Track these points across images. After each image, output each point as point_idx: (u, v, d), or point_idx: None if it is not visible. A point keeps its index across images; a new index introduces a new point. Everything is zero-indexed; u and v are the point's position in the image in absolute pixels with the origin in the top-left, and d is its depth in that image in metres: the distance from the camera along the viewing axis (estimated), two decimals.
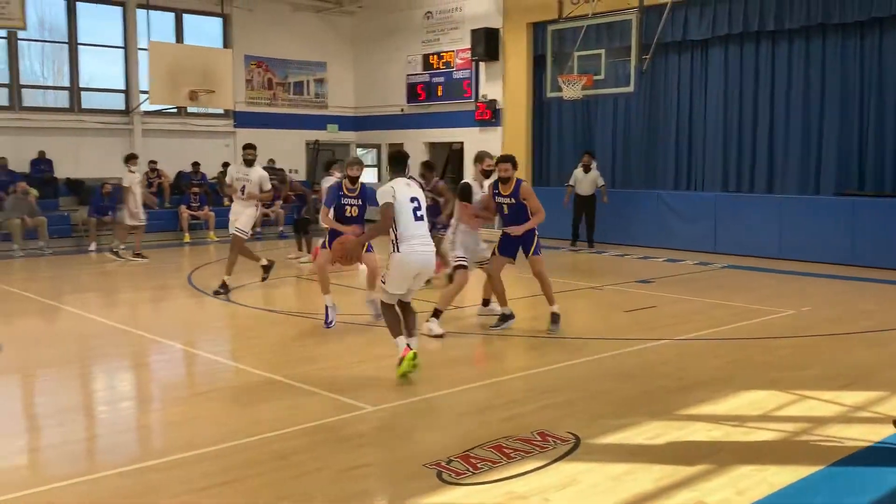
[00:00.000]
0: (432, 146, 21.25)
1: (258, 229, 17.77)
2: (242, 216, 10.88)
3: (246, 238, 11.00)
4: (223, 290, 10.64)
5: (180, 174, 19.59)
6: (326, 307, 8.66)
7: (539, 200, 8.50)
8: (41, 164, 17.69)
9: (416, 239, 6.52)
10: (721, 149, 16.17)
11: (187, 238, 17.74)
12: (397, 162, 6.90)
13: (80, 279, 12.50)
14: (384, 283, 6.66)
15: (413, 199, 6.58)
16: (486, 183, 8.83)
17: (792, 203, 14.49)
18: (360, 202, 8.78)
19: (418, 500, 4.32)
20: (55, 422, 5.77)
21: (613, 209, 16.51)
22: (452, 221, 9.04)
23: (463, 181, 8.98)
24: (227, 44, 20.50)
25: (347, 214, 8.69)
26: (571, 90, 15.66)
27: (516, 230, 8.42)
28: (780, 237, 14.36)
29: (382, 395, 6.18)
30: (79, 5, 18.67)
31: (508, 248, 8.64)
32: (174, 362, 7.78)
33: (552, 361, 7.21)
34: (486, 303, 9.31)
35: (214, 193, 19.35)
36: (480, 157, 8.98)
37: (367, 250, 8.44)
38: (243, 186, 10.85)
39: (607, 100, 17.23)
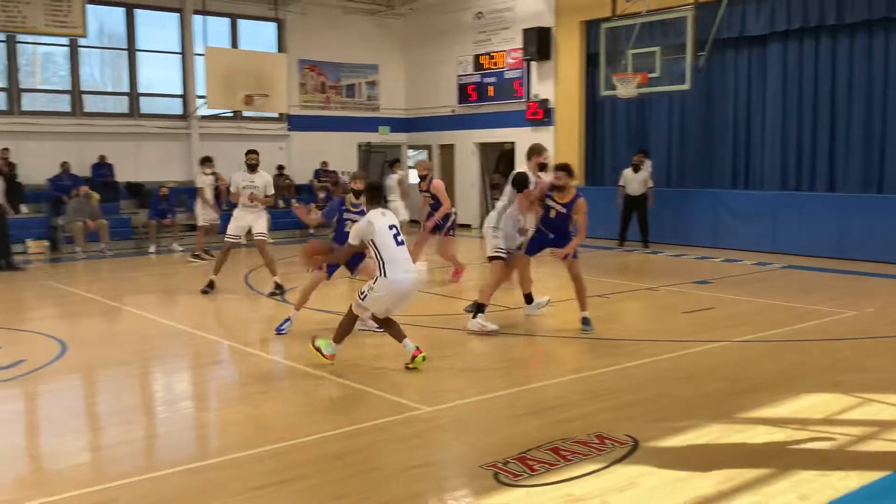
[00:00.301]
0: (483, 146, 21.23)
1: (311, 231, 17.93)
2: (262, 220, 11.10)
3: (268, 241, 11.33)
4: (279, 290, 10.78)
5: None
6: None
7: (587, 218, 8.47)
8: (102, 168, 18.12)
9: (402, 263, 6.81)
10: (780, 146, 15.82)
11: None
12: (373, 192, 7.23)
13: (140, 280, 12.78)
14: (363, 299, 6.87)
15: (391, 227, 6.88)
16: (543, 176, 8.74)
17: (854, 201, 14.11)
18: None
19: (476, 501, 4.31)
20: (117, 420, 5.89)
21: (669, 209, 16.28)
22: (499, 208, 8.86)
23: (519, 171, 8.89)
24: (281, 48, 20.76)
25: (347, 230, 8.06)
26: (626, 88, 15.48)
27: (560, 253, 8.39)
28: (842, 236, 13.99)
29: (438, 396, 6.18)
30: (137, 12, 19.10)
31: (536, 248, 8.66)
32: (232, 362, 7.89)
33: (609, 363, 7.14)
34: (528, 299, 9.21)
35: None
36: (538, 150, 8.92)
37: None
38: (251, 194, 10.93)
39: (662, 98, 16.99)
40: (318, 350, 7.02)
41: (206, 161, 15.18)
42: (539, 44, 18.74)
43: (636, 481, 4.53)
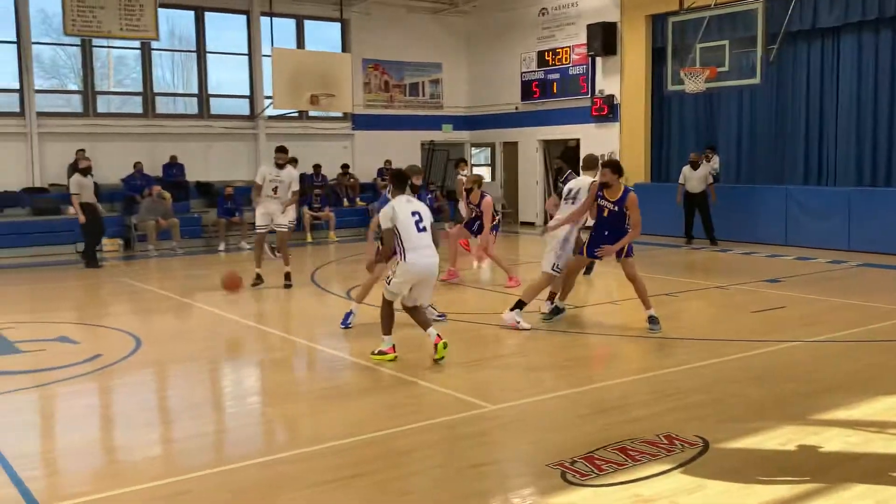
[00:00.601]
0: (547, 143, 21.11)
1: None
2: (290, 213, 11.50)
3: (289, 232, 11.65)
4: (288, 282, 11.33)
5: (302, 176, 20.11)
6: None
7: (640, 213, 8.31)
8: (173, 168, 18.58)
9: (422, 249, 6.96)
10: (854, 141, 15.36)
11: (309, 238, 18.26)
12: (398, 181, 7.29)
13: (211, 278, 13.05)
14: (388, 282, 7.09)
15: (414, 213, 7.03)
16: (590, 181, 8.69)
17: None
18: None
19: (543, 499, 4.30)
20: (189, 414, 6.04)
21: (738, 205, 15.95)
22: (571, 218, 8.74)
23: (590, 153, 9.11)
24: (345, 48, 20.98)
25: None
26: (694, 83, 15.22)
27: (610, 250, 8.31)
28: None
29: (502, 395, 6.17)
30: (206, 15, 19.53)
31: (592, 249, 8.53)
32: (300, 358, 8.02)
33: (676, 363, 7.03)
34: (552, 297, 9.06)
35: (335, 195, 19.86)
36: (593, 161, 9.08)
37: None
38: (275, 187, 11.25)
39: (731, 92, 16.65)
40: (379, 353, 7.18)
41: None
42: (604, 39, 18.55)
43: (706, 483, 4.45)
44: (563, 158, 16.72)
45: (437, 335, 7.04)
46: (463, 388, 6.29)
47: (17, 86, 17.42)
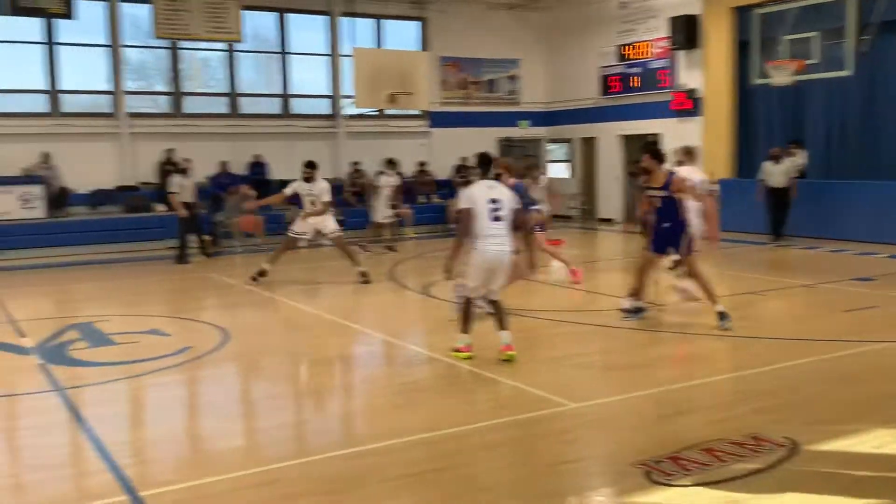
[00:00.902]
0: (626, 138, 20.83)
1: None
2: (328, 220, 11.81)
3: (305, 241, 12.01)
4: (365, 279, 11.58)
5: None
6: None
7: (694, 189, 8.15)
8: (257, 166, 19.02)
9: (491, 238, 6.75)
10: None
11: (388, 235, 18.41)
12: (482, 164, 7.11)
13: (293, 273, 13.32)
14: (465, 277, 6.96)
15: (492, 201, 6.80)
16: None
17: None
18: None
19: (628, 499, 4.26)
20: (274, 405, 6.20)
21: (826, 201, 15.42)
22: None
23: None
24: (423, 46, 21.11)
25: None
26: (781, 76, 14.78)
27: (713, 238, 8.23)
28: None
29: (584, 393, 6.13)
30: (288, 17, 19.92)
31: (660, 244, 8.36)
32: (379, 353, 8.12)
33: (762, 363, 6.85)
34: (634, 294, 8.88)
35: (412, 192, 20.00)
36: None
37: None
38: (312, 201, 11.66)
39: (820, 85, 16.11)
40: (455, 351, 7.11)
41: (391, 163, 15.81)
42: (686, 32, 18.19)
43: (796, 486, 4.34)
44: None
45: (509, 344, 6.89)
46: (543, 386, 6.27)
47: (109, 88, 18.13)
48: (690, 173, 9.38)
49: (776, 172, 15.29)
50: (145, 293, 11.79)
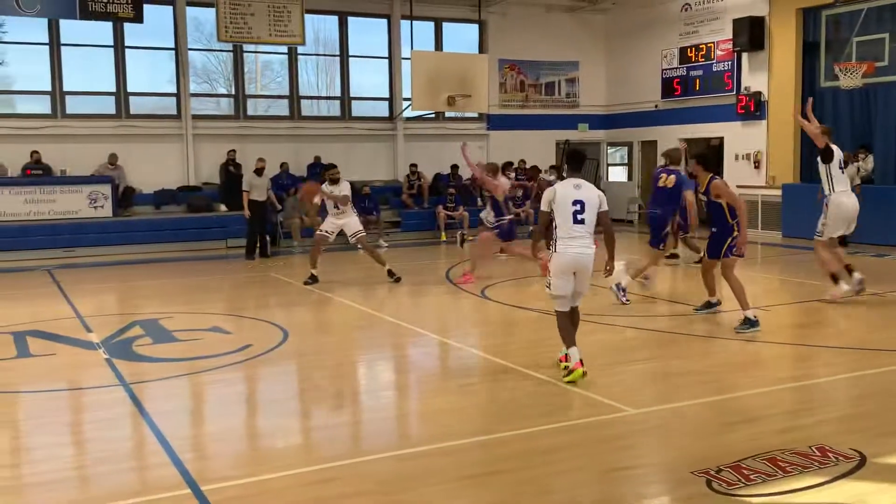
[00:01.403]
0: (688, 142, 20.47)
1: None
2: (352, 220, 12.23)
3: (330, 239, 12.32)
4: (392, 277, 11.87)
5: (437, 176, 20.45)
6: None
7: (734, 192, 8.48)
8: (317, 168, 19.20)
9: (571, 240, 6.52)
10: None
11: (444, 237, 18.48)
12: (574, 161, 6.88)
13: (350, 273, 13.45)
14: (549, 286, 6.70)
15: (576, 202, 6.51)
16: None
17: None
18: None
19: None
20: (332, 405, 6.26)
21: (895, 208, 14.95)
22: None
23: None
24: (482, 48, 21.08)
25: None
26: (850, 79, 14.40)
27: (743, 244, 8.30)
28: None
29: (642, 398, 6.05)
30: (349, 20, 20.12)
31: (714, 248, 8.50)
32: (437, 353, 8.13)
33: (829, 373, 6.67)
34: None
35: (469, 194, 20.01)
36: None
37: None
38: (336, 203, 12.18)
39: (891, 88, 15.64)
40: (566, 371, 6.60)
41: (509, 166, 15.98)
42: (751, 34, 17.81)
43: (865, 499, 4.21)
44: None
45: (580, 360, 6.49)
46: (602, 391, 6.20)
47: (174, 90, 18.54)
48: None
49: None
50: (207, 291, 12.01)
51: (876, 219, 14.92)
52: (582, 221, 6.53)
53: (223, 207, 17.89)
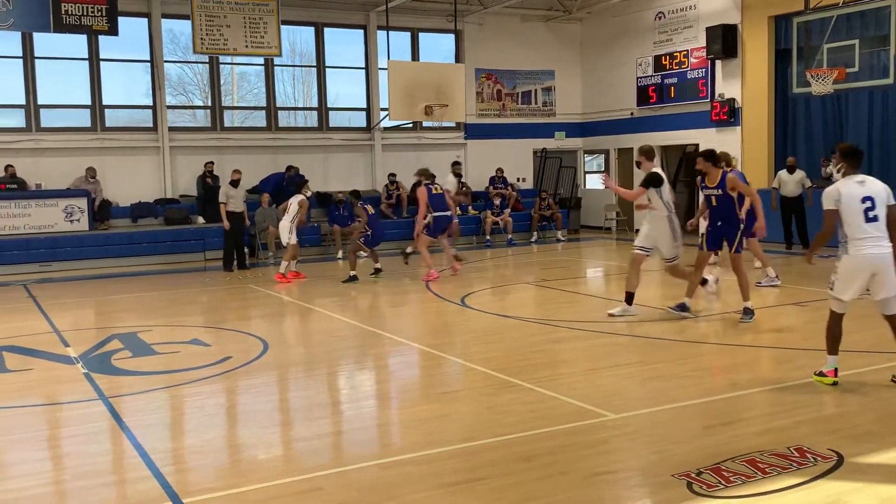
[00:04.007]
0: (664, 149, 20.68)
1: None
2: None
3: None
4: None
5: (415, 186, 20.43)
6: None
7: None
8: (293, 178, 19.17)
9: (865, 239, 6.13)
10: None
11: None
12: (852, 157, 6.36)
13: (328, 285, 13.42)
14: (831, 289, 6.41)
15: (865, 199, 6.12)
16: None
17: None
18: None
19: None
20: (314, 415, 6.23)
21: None
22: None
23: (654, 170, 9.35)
24: (458, 58, 21.17)
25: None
26: (821, 85, 14.60)
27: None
28: None
29: (623, 403, 6.09)
30: (326, 30, 20.13)
31: (715, 241, 9.03)
32: (418, 363, 8.13)
33: (807, 374, 6.73)
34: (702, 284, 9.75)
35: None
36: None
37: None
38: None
39: (862, 93, 15.89)
40: (819, 375, 6.49)
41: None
42: (724, 41, 18.04)
43: (843, 499, 4.27)
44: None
45: (835, 370, 6.29)
46: (583, 397, 6.24)
47: (150, 102, 18.45)
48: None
49: (790, 182, 15.17)
50: (185, 304, 11.94)
51: None
52: (875, 219, 6.14)
53: (201, 220, 17.80)
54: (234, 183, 14.90)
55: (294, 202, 13.81)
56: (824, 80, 14.62)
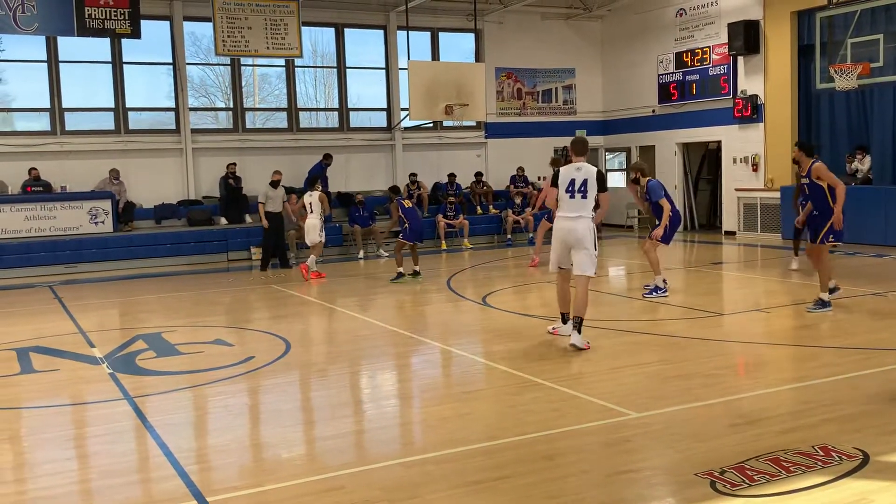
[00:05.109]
0: (686, 146, 20.57)
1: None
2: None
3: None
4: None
5: (436, 185, 20.52)
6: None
7: (834, 175, 9.09)
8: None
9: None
10: None
11: (444, 245, 18.51)
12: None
13: (351, 284, 13.47)
14: None
15: None
16: None
17: None
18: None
19: None
20: (337, 414, 6.26)
21: (893, 209, 14.98)
22: None
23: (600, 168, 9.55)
24: (478, 57, 21.19)
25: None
26: (845, 80, 14.47)
27: (838, 224, 9.00)
28: None
29: (645, 402, 6.06)
30: (346, 31, 20.20)
31: (816, 232, 9.22)
32: (440, 362, 8.14)
33: (832, 373, 6.68)
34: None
35: (468, 203, 20.07)
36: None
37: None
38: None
39: (886, 88, 15.70)
40: None
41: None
42: (746, 37, 17.91)
43: (869, 497, 4.22)
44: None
45: None
46: (606, 395, 6.22)
47: (172, 105, 18.61)
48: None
49: None
50: (209, 304, 12.03)
51: (874, 219, 14.99)
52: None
53: (223, 221, 17.93)
54: (274, 184, 15.14)
55: (314, 200, 13.94)
56: (848, 75, 14.49)
